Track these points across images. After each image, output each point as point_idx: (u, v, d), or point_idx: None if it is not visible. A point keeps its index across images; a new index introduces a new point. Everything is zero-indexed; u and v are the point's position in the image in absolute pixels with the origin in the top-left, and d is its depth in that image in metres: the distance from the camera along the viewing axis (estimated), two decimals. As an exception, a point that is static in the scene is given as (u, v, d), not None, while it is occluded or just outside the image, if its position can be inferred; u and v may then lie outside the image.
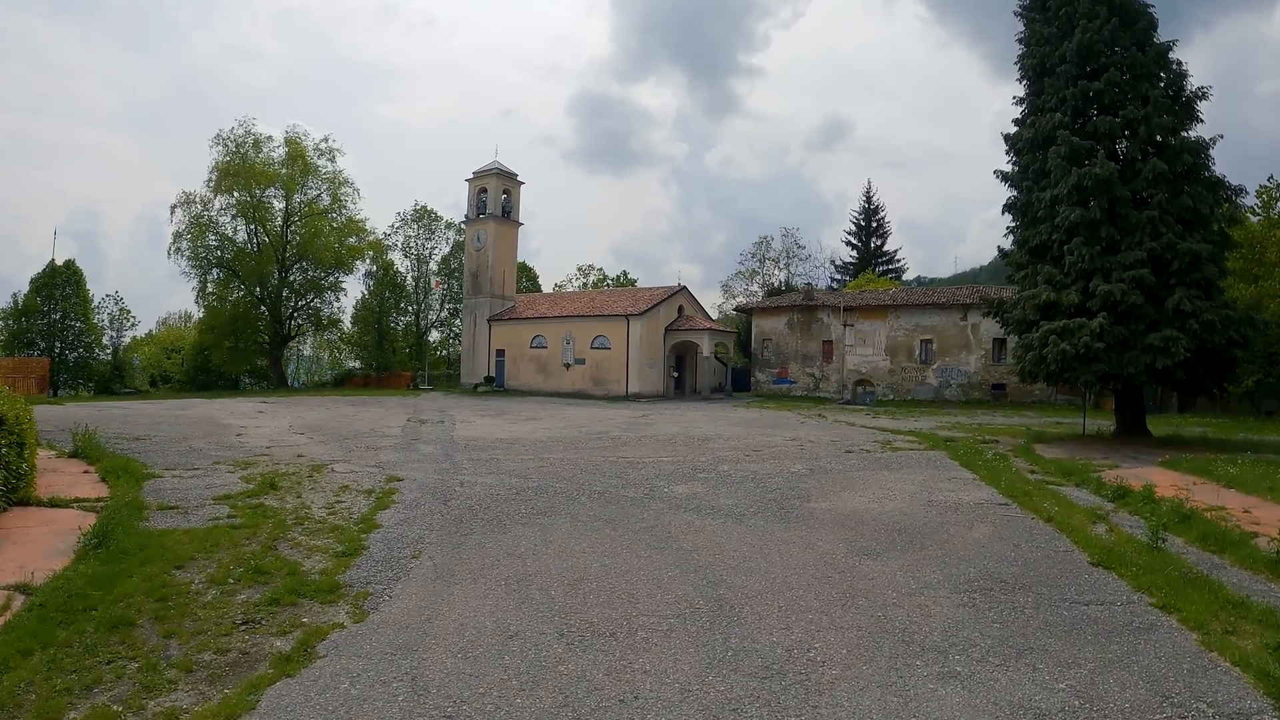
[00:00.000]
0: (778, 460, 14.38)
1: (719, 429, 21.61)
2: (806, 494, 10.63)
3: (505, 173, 49.10)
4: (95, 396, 45.83)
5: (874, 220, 67.61)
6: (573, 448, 16.36)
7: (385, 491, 10.72)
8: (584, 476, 12.00)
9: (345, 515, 9.21)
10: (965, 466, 14.22)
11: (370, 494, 10.60)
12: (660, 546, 7.62)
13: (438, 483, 11.46)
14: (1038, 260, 20.39)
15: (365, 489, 11.00)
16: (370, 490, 10.88)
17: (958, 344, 42.07)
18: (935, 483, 12.05)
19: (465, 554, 7.25)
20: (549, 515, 9.04)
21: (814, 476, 12.32)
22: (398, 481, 11.59)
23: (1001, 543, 8.13)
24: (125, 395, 45.80)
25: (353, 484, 11.45)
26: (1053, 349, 17.86)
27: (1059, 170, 19.69)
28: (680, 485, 11.34)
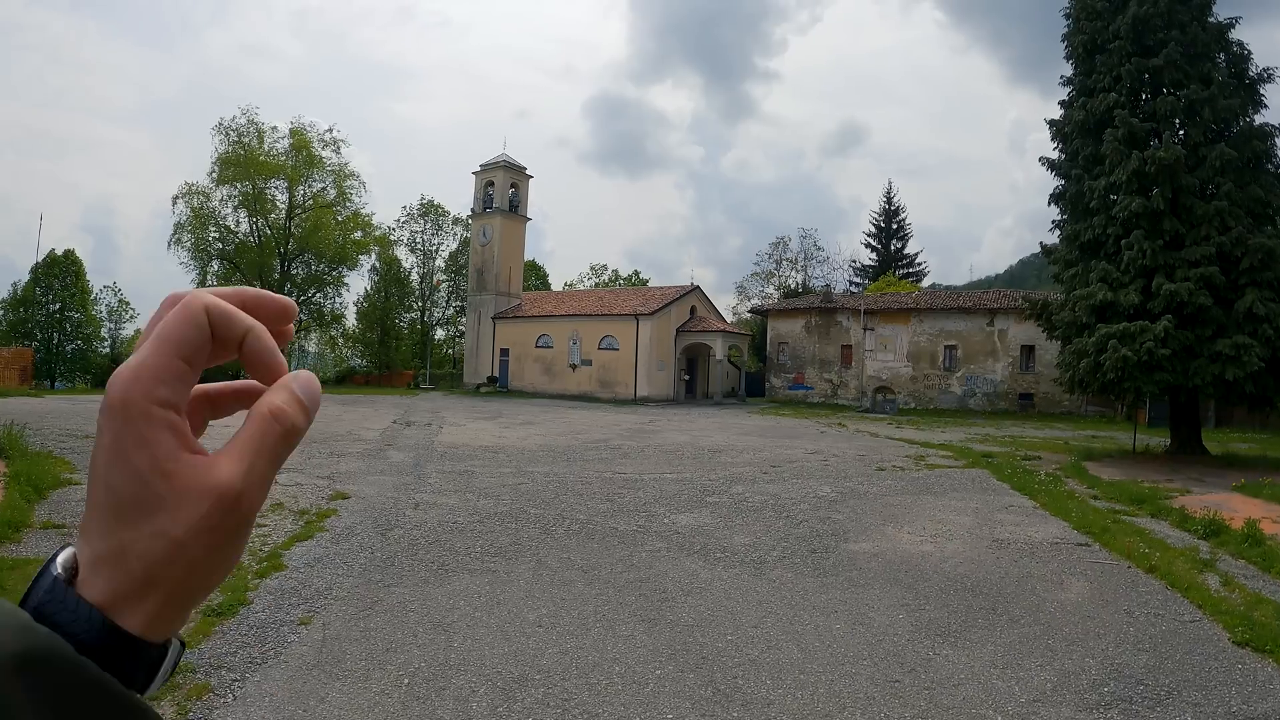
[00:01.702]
0: (800, 480, 12.30)
1: (732, 438, 19.58)
2: (842, 529, 8.59)
3: (513, 166, 47.23)
4: (92, 390, 44.54)
5: (894, 222, 65.32)
6: (564, 459, 14.36)
7: (320, 514, 8.78)
8: (567, 499, 9.98)
9: (254, 545, 7.28)
10: (1019, 490, 12.18)
11: (301, 516, 8.67)
12: (648, 618, 5.52)
13: (388, 503, 9.49)
14: (1090, 256, 18.27)
15: (299, 509, 9.09)
16: (304, 511, 8.95)
17: (984, 351, 39.82)
18: (992, 513, 9.99)
19: (375, 621, 5.23)
20: (509, 557, 6.97)
21: (847, 503, 10.25)
22: (341, 500, 9.64)
23: (1110, 610, 6.08)
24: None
25: (288, 501, 9.53)
26: (1111, 355, 15.73)
27: (1116, 155, 17.59)
28: (684, 514, 9.29)
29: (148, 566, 0.39)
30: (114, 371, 0.40)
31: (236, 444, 0.41)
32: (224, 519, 0.40)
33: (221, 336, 0.42)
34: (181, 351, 0.40)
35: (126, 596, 0.39)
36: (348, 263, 54.62)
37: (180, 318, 0.40)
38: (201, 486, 0.39)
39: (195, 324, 0.40)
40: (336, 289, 55.45)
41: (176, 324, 0.40)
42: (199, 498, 0.39)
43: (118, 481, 0.39)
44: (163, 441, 0.39)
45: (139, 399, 0.39)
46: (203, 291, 0.42)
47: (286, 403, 0.42)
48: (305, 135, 51.97)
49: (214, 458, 0.40)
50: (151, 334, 0.40)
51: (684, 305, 42.43)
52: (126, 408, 0.39)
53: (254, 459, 0.41)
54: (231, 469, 0.40)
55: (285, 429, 0.42)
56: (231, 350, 0.43)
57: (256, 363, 0.44)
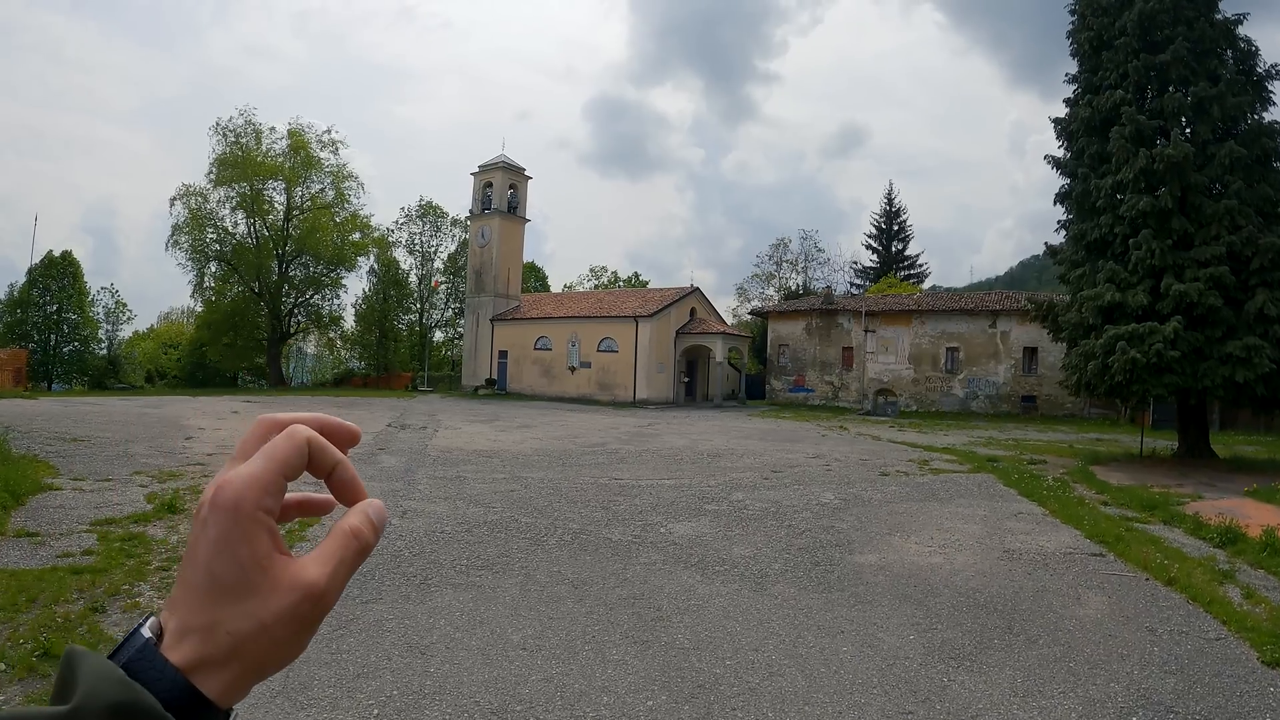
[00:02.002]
0: (803, 486, 11.93)
1: (732, 442, 19.23)
2: (846, 539, 8.23)
3: (512, 166, 46.91)
4: (88, 391, 44.20)
5: (895, 223, 64.92)
6: (560, 464, 14.01)
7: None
8: (561, 507, 9.61)
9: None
10: (1027, 496, 11.84)
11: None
12: (641, 640, 5.14)
13: None
14: (1097, 256, 17.92)
15: (283, 516, 8.71)
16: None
17: (986, 353, 39.45)
18: (1001, 520, 9.64)
19: (348, 642, 4.87)
20: (496, 570, 6.64)
21: (851, 511, 9.89)
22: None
23: (1131, 627, 5.74)
24: (119, 390, 44.14)
25: None
26: (1120, 358, 15.39)
27: (1123, 153, 17.27)
28: (682, 523, 8.91)
29: (235, 642, 0.46)
30: (226, 478, 0.48)
31: (324, 552, 0.50)
32: (308, 611, 0.47)
33: (317, 464, 0.53)
34: (285, 471, 0.49)
35: (210, 664, 0.46)
36: (346, 264, 54.30)
37: (288, 445, 0.50)
38: (293, 582, 0.47)
39: (299, 452, 0.51)
40: (334, 290, 55.14)
41: (284, 449, 0.50)
42: (289, 590, 0.47)
43: (220, 570, 0.46)
44: (263, 541, 0.47)
45: (250, 504, 0.47)
46: (301, 425, 0.52)
47: (364, 524, 0.52)
48: (303, 136, 51.67)
49: (305, 560, 0.49)
50: (261, 452, 0.49)
51: (684, 307, 42.08)
52: (239, 509, 0.47)
53: (337, 566, 0.49)
54: (319, 571, 0.48)
55: (361, 545, 0.51)
56: (321, 475, 0.54)
57: (343, 490, 0.56)
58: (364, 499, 0.55)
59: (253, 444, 0.51)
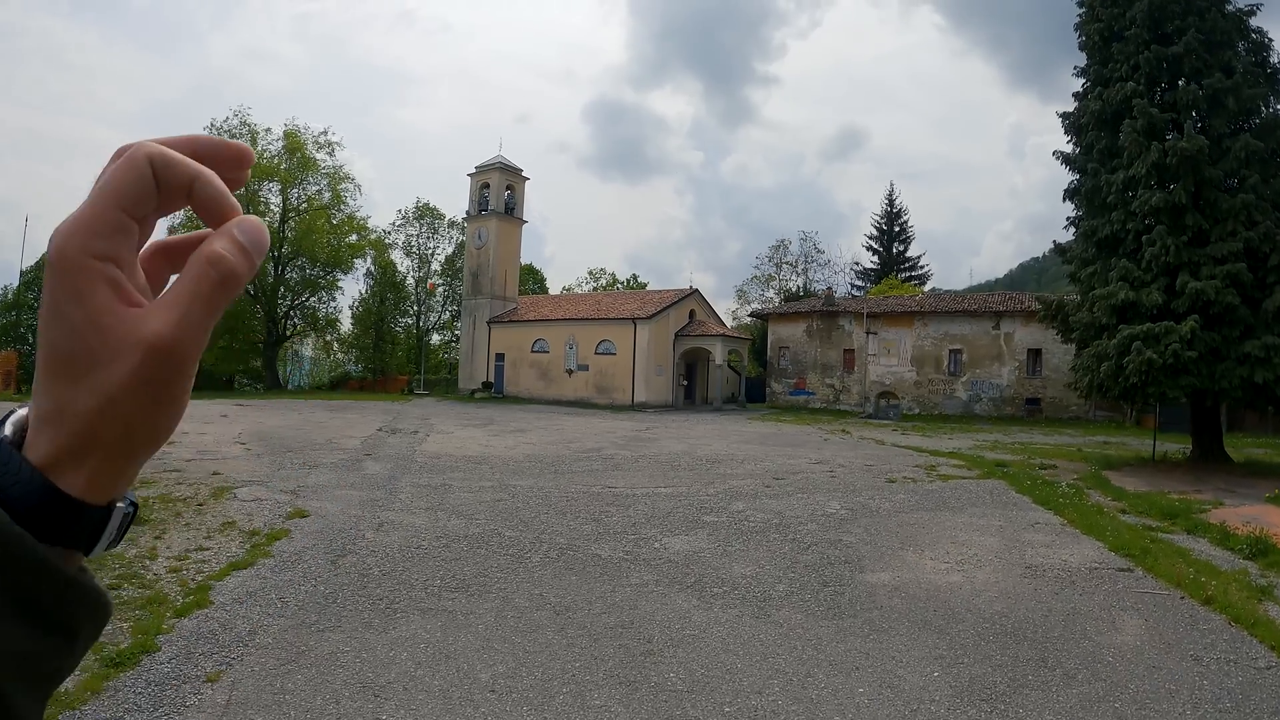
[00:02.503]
0: (806, 494, 11.30)
1: (732, 447, 18.62)
2: (856, 555, 7.58)
3: (509, 167, 46.34)
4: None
5: (896, 224, 64.39)
6: (552, 471, 13.40)
7: (271, 535, 7.84)
8: (549, 519, 8.94)
9: (187, 575, 6.37)
10: (1042, 505, 11.25)
11: (250, 538, 7.74)
12: (627, 679, 4.46)
13: (348, 524, 8.53)
14: (1108, 254, 17.34)
15: (250, 529, 8.17)
16: (254, 532, 8.02)
17: (989, 355, 38.83)
18: (1018, 531, 9.04)
19: (295, 679, 4.27)
20: (472, 592, 5.97)
21: (859, 522, 9.26)
22: (298, 519, 8.69)
23: (1175, 656, 5.14)
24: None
25: (241, 519, 8.62)
26: (1135, 359, 14.79)
27: (1135, 146, 16.70)
28: (677, 537, 8.25)
29: (85, 425, 0.38)
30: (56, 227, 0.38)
31: (171, 293, 0.40)
32: (157, 371, 0.38)
33: (167, 185, 0.40)
34: (122, 202, 0.38)
35: (65, 457, 0.39)
36: (342, 266, 53.73)
37: (122, 168, 0.39)
38: (133, 338, 0.38)
39: (137, 173, 0.38)
40: (330, 293, 54.56)
41: (117, 174, 0.38)
42: (131, 350, 0.38)
43: (55, 337, 0.38)
44: (98, 295, 0.38)
45: (74, 252, 0.37)
46: (148, 140, 0.40)
47: (225, 248, 0.40)
48: (299, 137, 51.13)
49: (147, 309, 0.39)
50: (93, 186, 0.39)
51: (683, 309, 41.48)
52: (63, 261, 0.37)
53: (188, 307, 0.39)
54: (163, 318, 0.38)
55: (222, 275, 0.39)
56: (180, 200, 0.41)
57: (207, 210, 0.42)
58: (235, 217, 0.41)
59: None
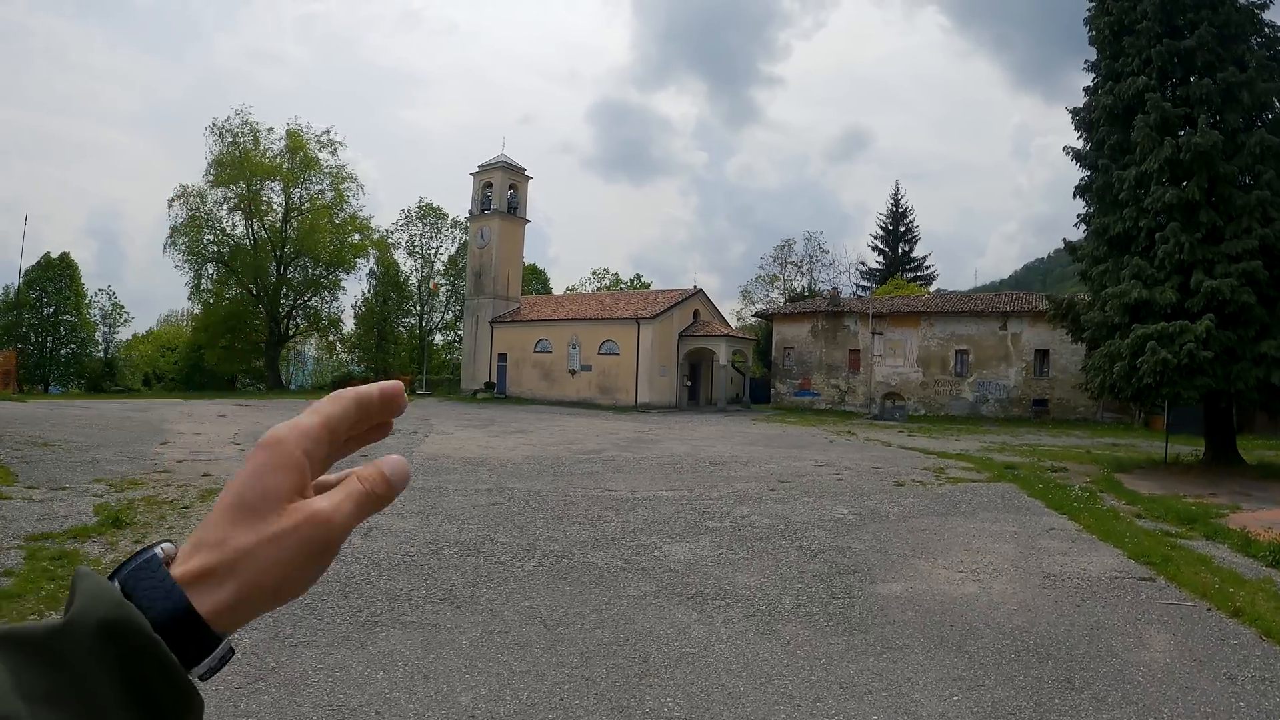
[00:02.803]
0: (813, 498, 10.95)
1: (736, 449, 18.29)
2: (866, 563, 7.25)
3: (512, 166, 46.05)
4: (84, 394, 43.51)
5: (902, 224, 63.95)
6: (550, 473, 13.08)
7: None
8: (544, 524, 8.61)
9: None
10: (1056, 509, 10.91)
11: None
12: (620, 705, 4.10)
13: None
14: (1120, 252, 16.97)
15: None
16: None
17: (996, 355, 38.44)
18: (1034, 537, 8.70)
19: (260, 700, 3.87)
20: (458, 604, 5.61)
21: (867, 527, 8.92)
22: None
23: (1207, 674, 4.81)
24: (115, 394, 43.41)
25: None
26: (1149, 359, 14.43)
27: (1147, 142, 16.35)
28: (678, 543, 7.93)
29: (238, 556, 0.48)
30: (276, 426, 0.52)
31: (333, 492, 0.52)
32: (310, 532, 0.49)
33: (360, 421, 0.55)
34: (330, 424, 0.53)
35: (210, 577, 0.47)
36: (345, 266, 53.50)
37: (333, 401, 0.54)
38: (302, 508, 0.50)
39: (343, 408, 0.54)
40: (332, 293, 54.33)
41: (329, 404, 0.54)
42: (297, 514, 0.49)
43: (247, 493, 0.49)
44: (292, 478, 0.50)
45: (290, 443, 0.50)
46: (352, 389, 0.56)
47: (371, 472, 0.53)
48: (302, 136, 50.93)
49: (315, 497, 0.51)
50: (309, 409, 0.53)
51: (686, 309, 41.14)
52: (279, 444, 0.50)
53: (343, 502, 0.51)
54: (327, 501, 0.51)
55: (368, 490, 0.52)
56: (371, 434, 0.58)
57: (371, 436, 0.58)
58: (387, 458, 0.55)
59: None
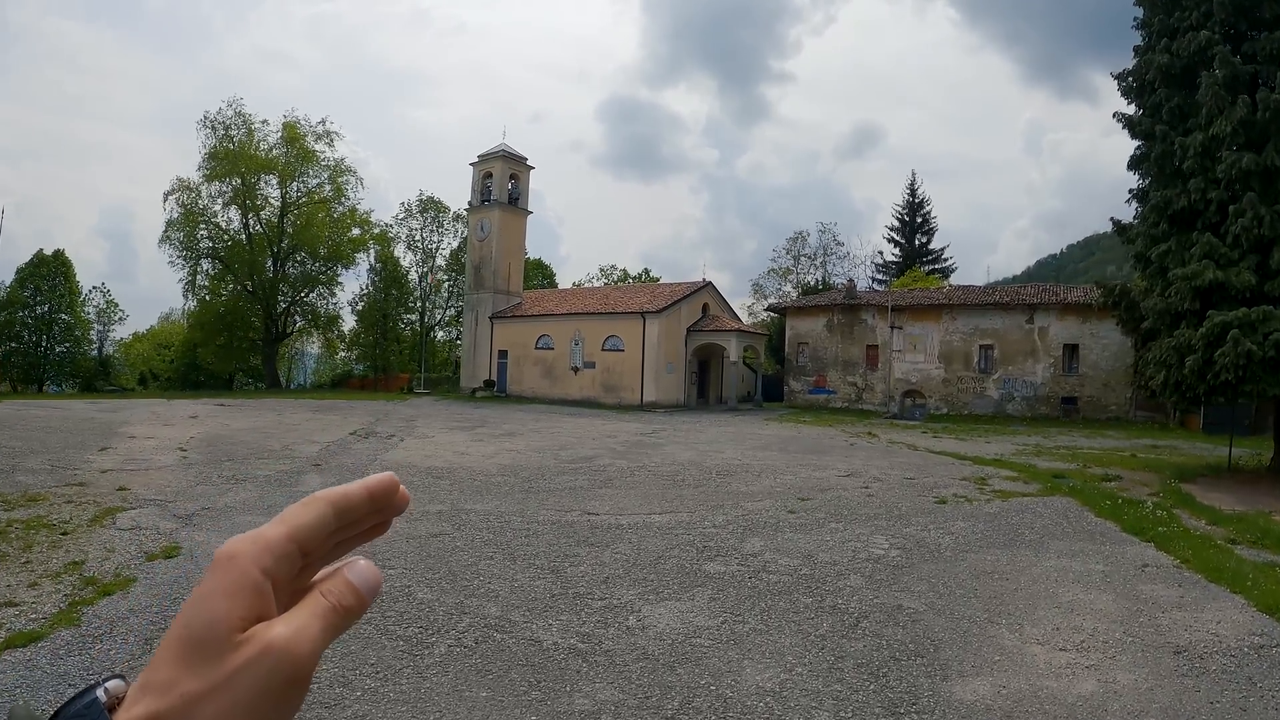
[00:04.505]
0: (841, 523, 8.86)
1: (747, 455, 16.28)
2: (928, 636, 5.18)
3: (512, 156, 44.08)
4: (76, 394, 42.16)
5: (918, 215, 61.58)
6: (524, 489, 11.08)
7: (110, 585, 5.83)
8: (490, 568, 6.63)
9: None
10: (1135, 534, 8.92)
11: (85, 587, 5.69)
12: None
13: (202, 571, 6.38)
14: (1184, 229, 14.86)
15: (95, 573, 6.12)
16: (91, 580, 5.97)
17: (1023, 350, 36.19)
18: (1130, 580, 6.69)
19: None
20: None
21: (918, 570, 6.89)
22: (164, 560, 6.61)
23: None
24: (108, 393, 42.00)
25: (96, 558, 6.59)
26: (1230, 351, 12.34)
27: (1217, 102, 14.24)
28: (665, 603, 5.84)
29: (187, 705, 0.40)
30: (234, 537, 0.43)
31: (294, 611, 0.43)
32: (268, 670, 0.41)
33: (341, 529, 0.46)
34: (296, 536, 0.43)
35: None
36: (343, 261, 51.81)
37: (304, 507, 0.45)
38: (256, 639, 0.41)
39: (317, 515, 0.45)
40: (330, 288, 52.63)
41: (299, 511, 0.45)
42: (251, 647, 0.41)
43: (195, 622, 0.41)
44: (248, 601, 0.41)
45: (245, 560, 0.42)
46: (330, 491, 0.46)
47: (336, 582, 0.45)
48: (298, 129, 49.24)
49: (272, 621, 0.42)
50: (277, 517, 0.45)
51: (695, 303, 39.05)
52: (231, 561, 0.42)
53: (307, 623, 0.42)
54: (285, 626, 0.42)
55: (332, 604, 0.44)
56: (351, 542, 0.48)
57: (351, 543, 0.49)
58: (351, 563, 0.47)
59: None
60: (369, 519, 0.47)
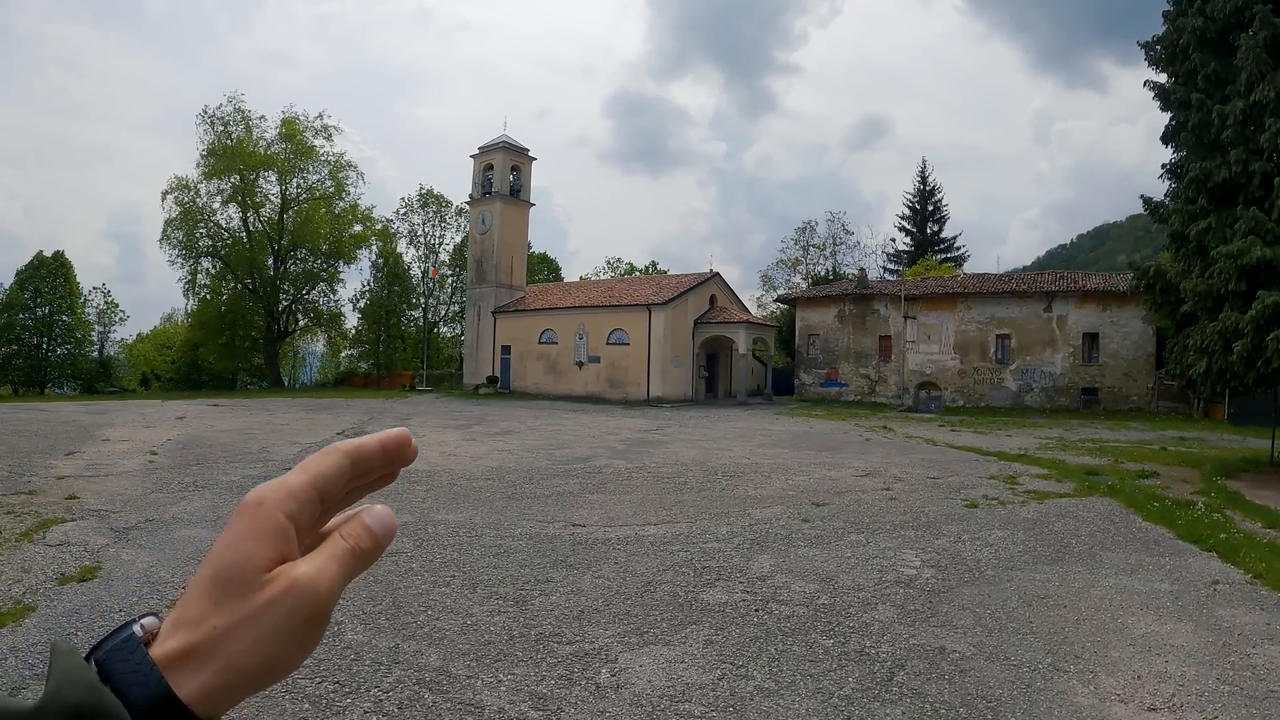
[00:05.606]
0: (862, 533, 7.82)
1: (756, 452, 15.26)
2: (981, 693, 4.05)
3: (514, 147, 43.05)
4: (76, 396, 41.62)
5: (930, 203, 60.21)
6: (507, 495, 10.08)
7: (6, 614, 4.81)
8: (443, 599, 5.56)
9: None
10: (1192, 541, 7.89)
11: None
12: None
13: (135, 594, 5.50)
14: (1224, 204, 13.75)
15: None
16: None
17: (1040, 340, 34.99)
18: (1205, 604, 5.65)
19: None
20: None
21: (958, 596, 5.80)
22: (79, 584, 5.77)
23: None
24: (108, 394, 41.42)
25: (3, 578, 5.62)
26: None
27: (1258, 66, 13.12)
28: (650, 649, 4.72)
29: (218, 636, 0.43)
30: (258, 486, 0.47)
31: (316, 553, 0.47)
32: (292, 604, 0.44)
33: (355, 478, 0.50)
34: (318, 483, 0.47)
35: (191, 659, 0.43)
36: (345, 257, 50.99)
37: (324, 457, 0.49)
38: (283, 576, 0.45)
39: (335, 464, 0.48)
40: (331, 285, 51.83)
41: (319, 460, 0.48)
42: (276, 583, 0.44)
43: (224, 563, 0.44)
44: (274, 544, 0.45)
45: (271, 505, 0.45)
46: (347, 442, 0.50)
47: (355, 526, 0.48)
48: (296, 124, 48.36)
49: (295, 561, 0.46)
50: (297, 466, 0.48)
51: (702, 295, 37.95)
52: (259, 507, 0.45)
53: (327, 564, 0.46)
54: (309, 566, 0.45)
55: (353, 546, 0.47)
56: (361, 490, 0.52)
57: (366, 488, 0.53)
58: (367, 509, 0.50)
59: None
60: (381, 468, 0.50)
